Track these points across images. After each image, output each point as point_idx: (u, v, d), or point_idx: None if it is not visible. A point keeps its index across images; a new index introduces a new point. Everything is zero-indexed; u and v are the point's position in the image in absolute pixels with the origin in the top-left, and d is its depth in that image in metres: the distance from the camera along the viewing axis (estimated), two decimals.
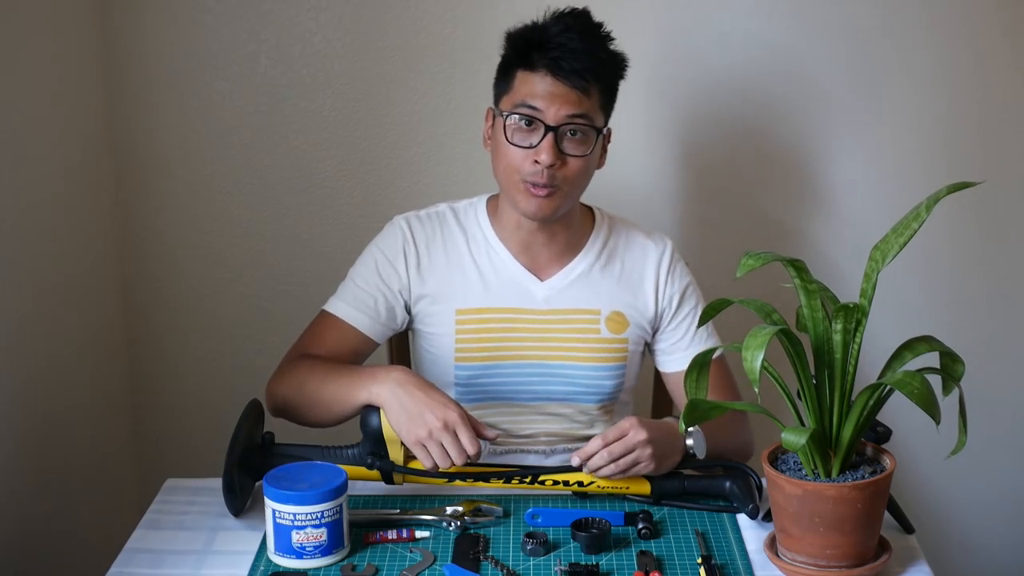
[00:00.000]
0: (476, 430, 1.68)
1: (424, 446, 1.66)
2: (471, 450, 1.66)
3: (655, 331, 1.96)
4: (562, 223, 1.89)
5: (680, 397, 1.96)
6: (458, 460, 1.66)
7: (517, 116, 1.79)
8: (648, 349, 1.99)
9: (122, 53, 2.35)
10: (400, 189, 2.40)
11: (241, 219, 2.43)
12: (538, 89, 1.78)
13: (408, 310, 1.93)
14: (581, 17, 1.83)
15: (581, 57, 1.77)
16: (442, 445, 1.65)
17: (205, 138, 2.39)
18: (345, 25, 2.34)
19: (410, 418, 1.66)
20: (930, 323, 2.20)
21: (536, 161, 1.77)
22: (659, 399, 2.16)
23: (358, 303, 1.89)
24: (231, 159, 2.40)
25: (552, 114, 1.77)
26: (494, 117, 1.85)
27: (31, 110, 2.05)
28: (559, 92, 1.77)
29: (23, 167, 2.01)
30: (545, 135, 1.77)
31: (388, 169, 2.41)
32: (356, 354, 1.90)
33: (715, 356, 1.74)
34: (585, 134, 1.79)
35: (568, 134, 1.78)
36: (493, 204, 1.94)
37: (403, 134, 2.39)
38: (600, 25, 1.84)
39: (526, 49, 1.80)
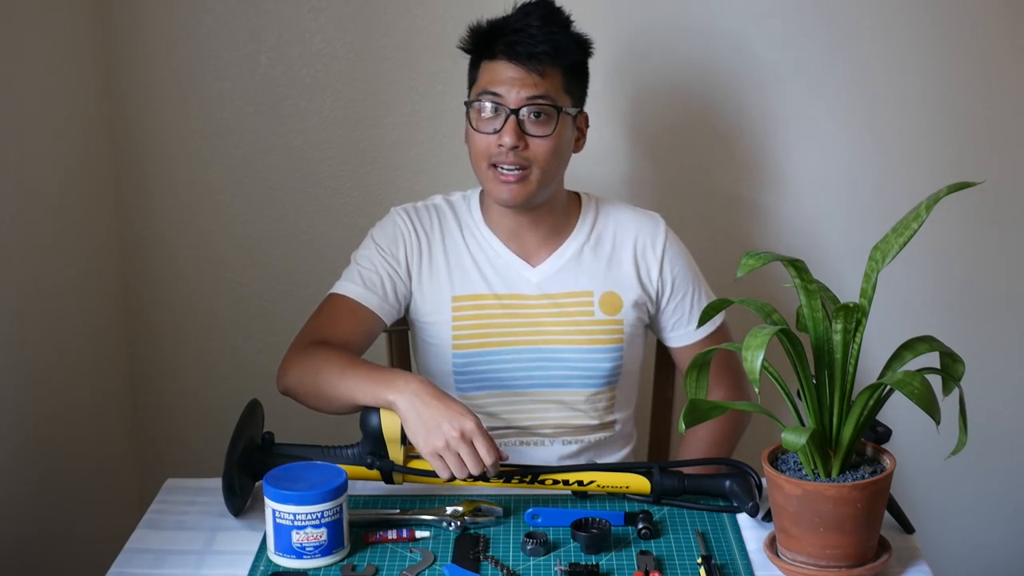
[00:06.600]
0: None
1: (441, 456, 1.64)
2: (488, 459, 1.64)
3: (656, 309, 1.97)
4: (546, 208, 1.92)
5: None
6: (475, 470, 1.64)
7: (480, 103, 1.84)
8: (651, 328, 2.01)
9: (122, 53, 2.35)
10: (400, 189, 2.40)
11: (241, 219, 2.43)
12: (498, 75, 1.83)
13: (408, 297, 1.94)
14: (542, 5, 1.87)
15: (538, 40, 1.81)
16: (459, 455, 1.64)
17: (205, 138, 2.39)
18: (345, 25, 2.34)
19: (427, 429, 1.64)
20: (930, 323, 2.20)
21: (500, 145, 1.81)
22: (660, 383, 2.17)
23: (367, 283, 1.91)
24: (231, 159, 2.40)
25: (512, 97, 1.82)
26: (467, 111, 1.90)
27: (31, 110, 2.05)
28: (518, 76, 1.82)
29: (23, 167, 2.01)
30: (507, 119, 1.81)
31: (388, 169, 2.40)
32: (369, 335, 1.91)
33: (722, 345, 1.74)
34: (548, 115, 1.83)
35: (531, 116, 1.82)
36: (485, 194, 1.96)
37: (403, 134, 2.39)
38: (559, 10, 1.88)
39: (486, 39, 1.85)
